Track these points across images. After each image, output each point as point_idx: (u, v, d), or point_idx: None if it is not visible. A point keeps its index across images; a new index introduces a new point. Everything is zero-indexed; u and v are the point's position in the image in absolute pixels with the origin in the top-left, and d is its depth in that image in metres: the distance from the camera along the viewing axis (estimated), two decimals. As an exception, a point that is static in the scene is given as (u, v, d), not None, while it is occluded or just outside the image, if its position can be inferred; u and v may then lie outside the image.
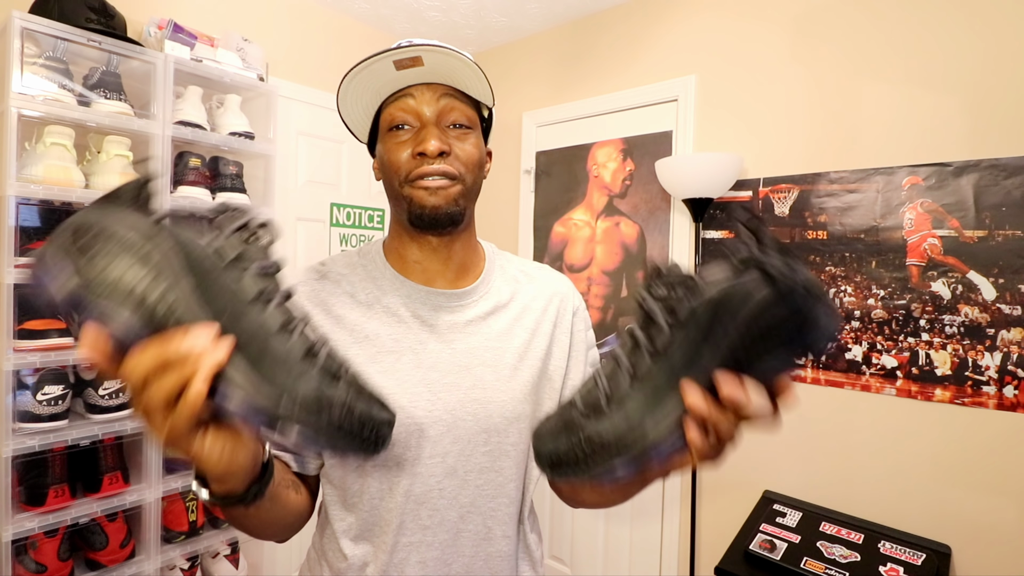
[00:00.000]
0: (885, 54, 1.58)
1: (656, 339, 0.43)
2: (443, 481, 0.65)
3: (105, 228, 0.37)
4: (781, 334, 0.40)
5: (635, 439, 0.42)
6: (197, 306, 0.37)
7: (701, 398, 0.41)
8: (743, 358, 0.41)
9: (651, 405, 0.42)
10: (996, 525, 1.40)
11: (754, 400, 0.41)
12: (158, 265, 0.37)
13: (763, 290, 0.40)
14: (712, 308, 0.41)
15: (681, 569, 1.95)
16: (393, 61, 0.62)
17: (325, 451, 0.41)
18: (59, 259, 0.36)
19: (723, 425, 0.41)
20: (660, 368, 0.42)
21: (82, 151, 1.48)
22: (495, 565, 0.69)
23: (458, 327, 0.70)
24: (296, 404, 0.38)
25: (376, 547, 0.66)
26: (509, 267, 0.79)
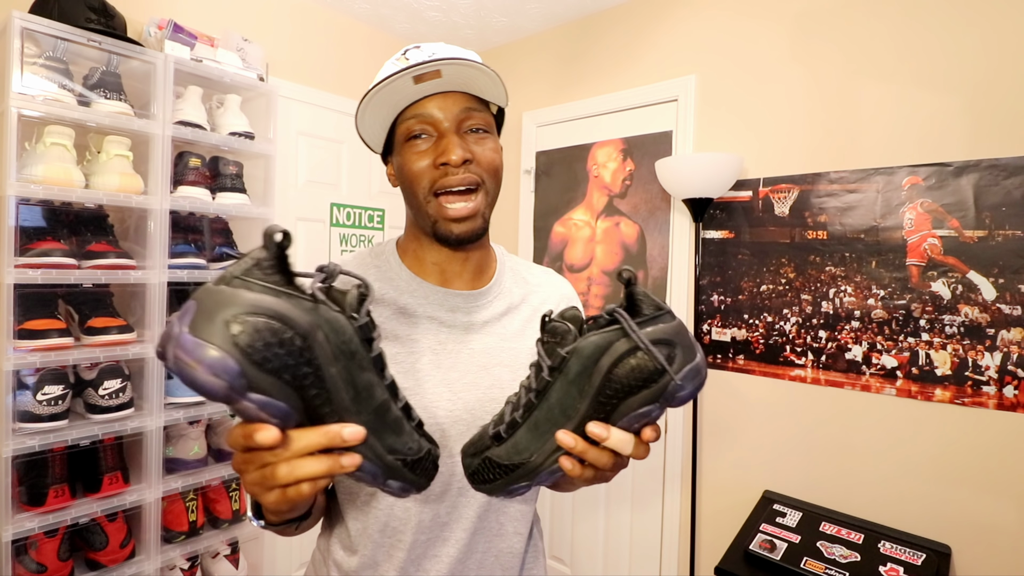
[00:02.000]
0: (885, 54, 1.58)
1: (539, 382, 0.50)
2: (462, 480, 0.66)
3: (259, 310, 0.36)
4: (636, 387, 0.46)
5: (522, 465, 0.50)
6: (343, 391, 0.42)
7: (568, 436, 0.48)
8: (607, 402, 0.47)
9: (535, 439, 0.50)
10: (996, 525, 1.40)
11: (615, 438, 0.47)
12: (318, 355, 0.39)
13: (615, 343, 0.46)
14: (577, 358, 0.47)
15: (681, 569, 1.95)
16: (413, 76, 0.62)
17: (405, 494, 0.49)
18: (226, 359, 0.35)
19: (591, 456, 0.48)
20: (542, 409, 0.50)
21: (82, 151, 1.48)
22: (506, 561, 0.71)
23: (475, 327, 0.71)
24: (406, 465, 0.46)
25: (393, 545, 0.66)
26: (519, 269, 0.80)
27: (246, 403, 0.36)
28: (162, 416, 1.53)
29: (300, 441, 0.40)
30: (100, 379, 1.42)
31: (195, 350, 0.34)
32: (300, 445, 0.40)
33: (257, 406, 0.37)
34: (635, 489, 2.11)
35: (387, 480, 0.45)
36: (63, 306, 1.47)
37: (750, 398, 1.82)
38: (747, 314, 1.83)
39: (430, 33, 2.49)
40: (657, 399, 0.46)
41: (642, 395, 0.46)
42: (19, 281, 1.29)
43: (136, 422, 1.48)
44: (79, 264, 1.39)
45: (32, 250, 1.33)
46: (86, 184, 1.42)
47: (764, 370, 1.79)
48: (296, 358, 0.38)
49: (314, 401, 0.40)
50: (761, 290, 1.80)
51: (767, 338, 1.79)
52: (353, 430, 0.42)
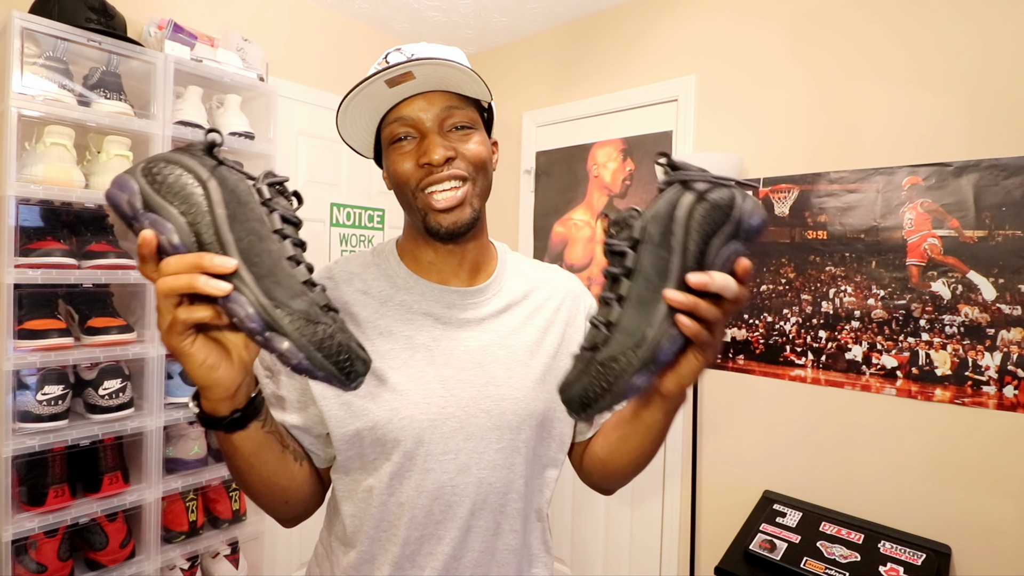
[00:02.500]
0: (886, 54, 1.58)
1: (626, 263, 0.50)
2: (455, 477, 0.66)
3: (172, 161, 0.47)
4: (715, 225, 0.48)
5: (639, 346, 0.48)
6: (228, 228, 0.46)
7: (678, 292, 0.47)
8: (698, 253, 0.48)
9: (643, 315, 0.49)
10: (996, 525, 1.40)
11: (718, 280, 0.47)
12: (205, 193, 0.46)
13: (683, 195, 0.49)
14: (655, 221, 0.49)
15: (681, 569, 1.95)
16: (384, 80, 0.63)
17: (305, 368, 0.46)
18: (131, 179, 0.45)
19: (703, 308, 0.47)
20: (638, 283, 0.50)
21: (82, 151, 1.48)
22: (502, 558, 0.70)
23: (471, 324, 0.71)
24: (288, 315, 0.45)
25: (387, 539, 0.67)
26: (522, 266, 0.81)
27: (144, 221, 0.44)
28: (162, 416, 1.53)
29: (175, 259, 0.44)
30: (100, 379, 1.42)
31: (118, 178, 0.45)
32: (175, 262, 0.44)
33: (150, 222, 0.44)
34: (635, 489, 2.11)
35: (266, 330, 0.44)
36: (63, 306, 1.47)
37: (750, 398, 1.82)
38: (747, 314, 1.83)
39: (430, 33, 2.49)
40: (736, 232, 0.49)
41: (723, 232, 0.49)
42: (19, 281, 1.29)
43: (136, 422, 1.48)
44: (79, 264, 1.39)
45: (32, 250, 1.33)
46: (86, 184, 1.42)
47: (764, 370, 1.79)
48: (188, 188, 0.46)
49: (201, 234, 0.45)
50: (761, 290, 1.80)
51: (767, 338, 1.79)
52: (223, 258, 0.44)
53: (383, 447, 0.65)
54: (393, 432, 0.65)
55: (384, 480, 0.66)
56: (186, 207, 0.45)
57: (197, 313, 0.45)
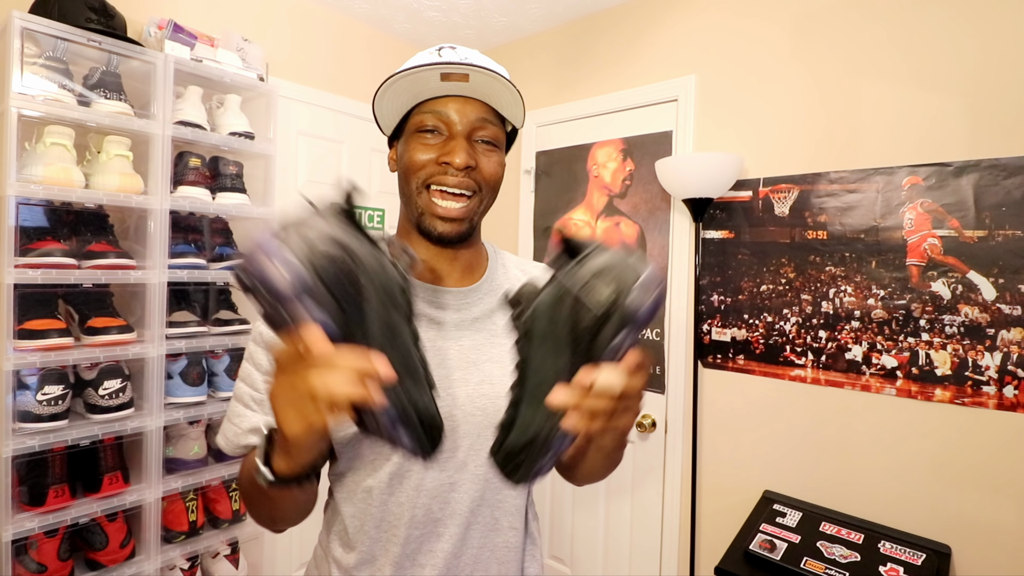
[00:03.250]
0: (886, 54, 1.58)
1: (520, 353, 0.52)
2: (454, 475, 0.67)
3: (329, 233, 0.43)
4: (599, 321, 0.46)
5: (534, 439, 0.50)
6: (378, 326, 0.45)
7: (559, 392, 0.47)
8: (582, 348, 0.47)
9: (535, 408, 0.50)
10: (996, 525, 1.40)
11: (602, 379, 0.46)
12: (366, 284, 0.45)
13: (559, 288, 0.48)
14: (541, 317, 0.49)
15: (681, 569, 1.95)
16: (440, 72, 0.64)
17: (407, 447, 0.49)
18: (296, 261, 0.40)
19: (589, 404, 0.46)
20: (530, 376, 0.51)
21: (82, 151, 1.48)
22: (502, 555, 0.71)
23: (465, 324, 0.72)
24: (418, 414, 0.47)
25: (387, 539, 0.67)
26: (511, 266, 0.82)
27: (299, 305, 0.41)
28: (162, 416, 1.53)
29: (340, 354, 0.42)
30: (100, 379, 1.42)
31: (272, 248, 0.40)
32: (340, 357, 0.42)
33: (307, 309, 0.41)
34: (635, 489, 2.11)
35: (399, 428, 0.45)
36: (63, 306, 1.47)
37: (750, 398, 1.82)
38: (747, 314, 1.83)
39: (430, 33, 2.49)
40: (624, 324, 0.46)
41: (609, 328, 0.46)
42: (19, 281, 1.29)
43: (136, 422, 1.48)
44: (79, 264, 1.39)
45: (32, 250, 1.33)
46: (86, 184, 1.42)
47: (764, 370, 1.79)
48: (348, 281, 0.43)
49: (351, 327, 0.44)
50: (761, 290, 1.80)
51: (767, 338, 1.79)
52: (387, 368, 0.43)
53: (382, 448, 0.66)
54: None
55: (384, 480, 0.66)
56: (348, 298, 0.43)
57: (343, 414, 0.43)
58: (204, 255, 1.66)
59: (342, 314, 0.43)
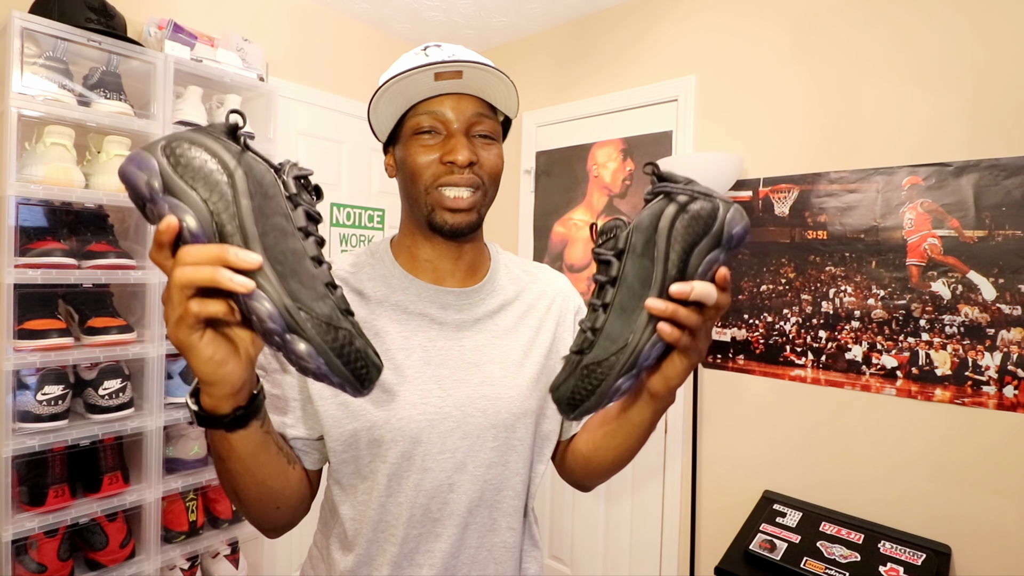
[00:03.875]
0: (885, 54, 1.58)
1: (611, 272, 0.52)
2: (452, 476, 0.67)
3: (196, 142, 0.44)
4: (696, 236, 0.49)
5: (622, 351, 0.50)
6: (252, 221, 0.44)
7: (658, 300, 0.49)
8: (680, 262, 0.50)
9: (626, 321, 0.51)
10: (996, 525, 1.40)
11: (698, 289, 0.48)
12: (231, 182, 0.44)
13: (667, 206, 0.51)
14: (638, 232, 0.51)
15: (681, 569, 1.95)
16: (433, 72, 0.64)
17: (322, 373, 0.45)
18: (151, 157, 0.42)
19: (682, 315, 0.48)
20: (622, 292, 0.51)
21: (82, 151, 1.48)
22: (499, 556, 0.71)
23: (466, 325, 0.72)
24: (311, 319, 0.44)
25: (385, 539, 0.67)
26: (513, 266, 0.81)
27: (162, 204, 0.42)
28: (162, 416, 1.53)
29: (197, 248, 0.41)
30: (100, 379, 1.42)
31: (135, 155, 0.42)
32: (196, 251, 0.41)
33: (169, 206, 0.42)
34: (635, 488, 2.11)
35: (287, 332, 0.43)
36: (63, 306, 1.47)
37: (750, 398, 1.82)
38: (747, 314, 1.83)
39: (430, 33, 2.49)
40: (719, 242, 0.50)
41: (705, 242, 0.49)
42: (19, 281, 1.29)
43: (136, 422, 1.48)
44: (79, 264, 1.39)
45: (32, 250, 1.33)
46: (86, 184, 1.42)
47: (764, 370, 1.79)
48: (210, 176, 0.43)
49: (223, 224, 0.43)
50: (761, 290, 1.80)
51: (767, 338, 1.79)
52: (248, 253, 0.41)
53: (380, 447, 0.65)
54: (391, 432, 0.65)
55: (383, 481, 0.66)
56: (210, 194, 0.43)
57: (211, 307, 0.42)
58: (204, 255, 1.66)
59: (208, 212, 0.43)
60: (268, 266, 0.43)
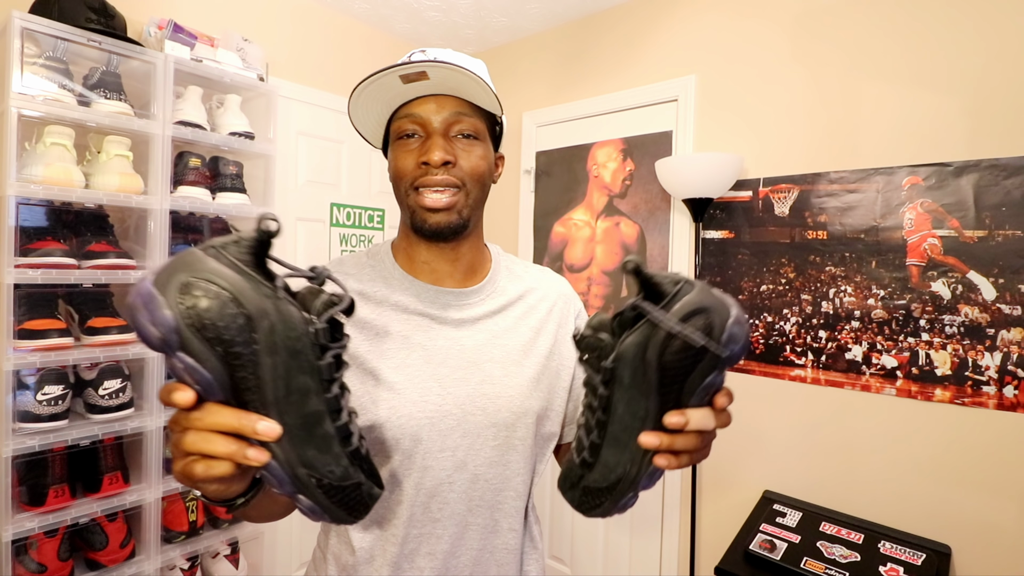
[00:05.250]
0: (885, 54, 1.58)
1: (599, 399, 0.50)
2: (453, 474, 0.67)
3: (219, 283, 0.38)
4: (689, 363, 0.45)
5: (621, 481, 0.50)
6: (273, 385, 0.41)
7: (652, 437, 0.47)
8: (671, 390, 0.46)
9: (621, 453, 0.50)
10: (996, 525, 1.40)
11: (694, 420, 0.46)
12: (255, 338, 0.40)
13: (654, 335, 0.45)
14: (624, 364, 0.47)
15: (681, 569, 1.95)
16: (399, 76, 0.64)
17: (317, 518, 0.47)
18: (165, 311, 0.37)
19: (679, 444, 0.48)
20: (613, 424, 0.50)
21: (82, 151, 1.48)
22: (501, 557, 0.71)
23: (466, 324, 0.72)
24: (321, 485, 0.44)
25: (385, 539, 0.67)
26: (515, 268, 0.82)
27: (175, 361, 0.38)
28: (162, 416, 1.53)
29: (212, 414, 0.40)
30: (100, 379, 1.42)
31: (147, 298, 0.37)
32: (211, 418, 0.40)
33: (183, 367, 0.38)
34: (635, 489, 2.11)
35: (296, 494, 0.43)
36: (63, 306, 1.47)
37: (750, 398, 1.82)
38: (747, 314, 1.83)
39: (430, 33, 2.49)
40: (714, 368, 0.46)
41: (699, 371, 0.46)
42: (19, 281, 1.29)
43: (136, 422, 1.48)
44: (79, 264, 1.39)
45: (32, 250, 1.33)
46: (86, 184, 1.42)
47: (764, 370, 1.79)
48: (234, 335, 0.39)
49: (241, 384, 0.40)
50: (761, 290, 1.80)
51: (767, 338, 1.79)
52: (268, 424, 0.41)
53: (382, 446, 0.66)
54: (392, 431, 0.65)
55: (384, 479, 0.66)
56: (231, 355, 0.39)
57: (217, 471, 0.41)
58: (204, 255, 1.66)
59: (226, 374, 0.40)
60: (285, 432, 0.42)
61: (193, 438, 0.40)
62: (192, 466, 0.41)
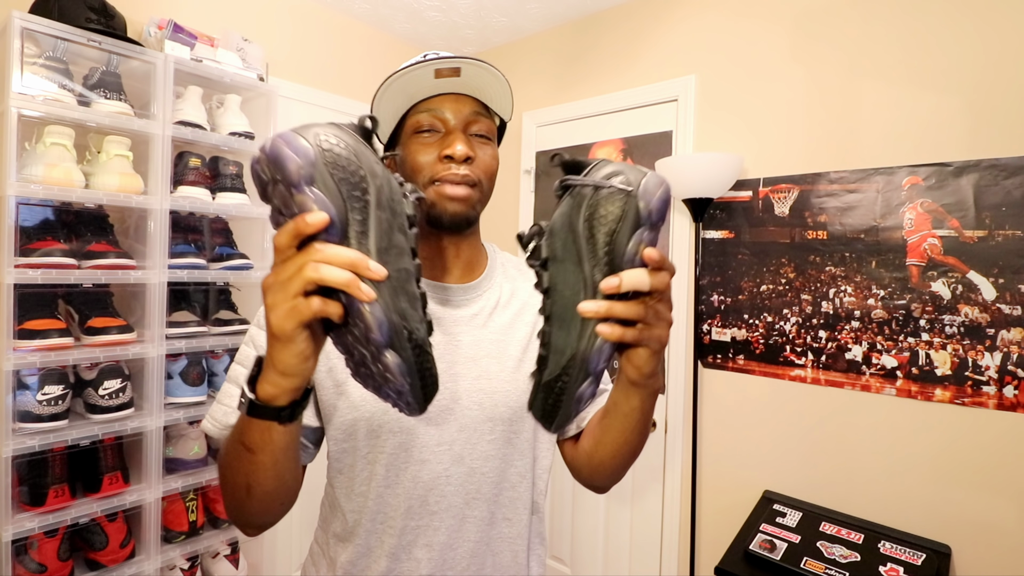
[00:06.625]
0: (885, 54, 1.58)
1: (542, 283, 0.51)
2: (450, 468, 0.68)
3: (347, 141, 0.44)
4: (612, 222, 0.47)
5: (571, 362, 0.49)
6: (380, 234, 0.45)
7: (589, 303, 0.47)
8: (605, 255, 0.47)
9: (567, 331, 0.49)
10: (996, 525, 1.40)
11: (627, 280, 0.46)
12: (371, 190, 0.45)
13: (575, 202, 0.48)
14: (554, 237, 0.49)
15: (681, 569, 1.95)
16: (434, 69, 0.66)
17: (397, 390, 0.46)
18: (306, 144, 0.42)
19: (619, 310, 0.47)
20: (556, 302, 0.51)
21: (82, 151, 1.48)
22: (498, 549, 0.72)
23: (464, 320, 0.73)
24: (411, 340, 0.45)
25: (383, 531, 0.68)
26: (510, 265, 0.83)
27: (305, 195, 0.41)
28: (162, 416, 1.53)
29: (335, 248, 0.42)
30: (100, 379, 1.42)
31: (289, 137, 0.42)
32: (332, 251, 0.42)
33: (313, 198, 0.41)
34: (635, 489, 2.11)
35: (386, 347, 0.43)
36: (63, 306, 1.47)
37: (750, 398, 1.82)
38: (747, 314, 1.83)
39: (430, 33, 2.49)
40: (639, 222, 0.46)
41: (624, 227, 0.46)
42: (19, 281, 1.29)
43: (136, 422, 1.48)
44: (79, 264, 1.39)
45: (32, 250, 1.33)
46: (86, 184, 1.42)
47: (764, 370, 1.79)
48: (358, 181, 0.44)
49: (354, 228, 0.44)
50: (761, 290, 1.80)
51: (767, 338, 1.79)
52: (378, 265, 0.43)
53: (378, 438, 0.67)
54: (389, 423, 0.66)
55: (381, 471, 0.67)
56: (351, 198, 0.43)
57: (332, 308, 0.43)
58: (204, 255, 1.66)
59: (345, 214, 0.43)
60: (386, 282, 0.44)
61: (316, 267, 0.41)
62: (307, 304, 0.42)
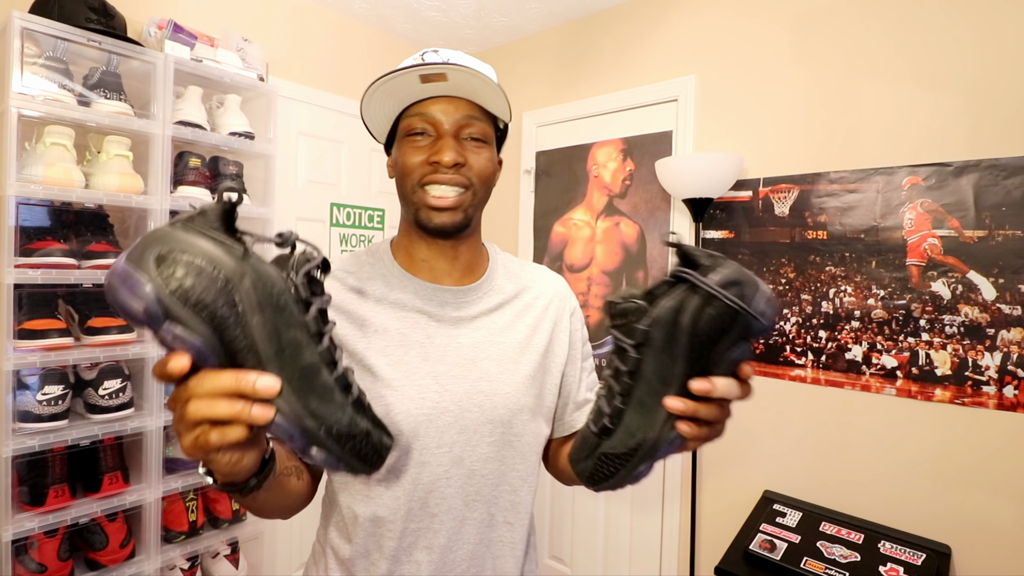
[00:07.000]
0: (885, 54, 1.58)
1: (628, 363, 0.51)
2: (450, 470, 0.68)
3: (190, 251, 0.39)
4: (720, 331, 0.47)
5: (640, 446, 0.51)
6: (265, 340, 0.42)
7: (677, 401, 0.49)
8: (700, 357, 0.48)
9: (644, 417, 0.51)
10: (996, 525, 1.40)
11: (720, 387, 0.48)
12: (238, 299, 0.40)
13: (689, 300, 0.48)
14: (659, 327, 0.49)
15: (681, 569, 1.95)
16: (419, 75, 0.65)
17: (334, 469, 0.47)
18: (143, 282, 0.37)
19: (703, 413, 0.49)
20: (640, 386, 0.51)
21: (82, 151, 1.48)
22: (498, 551, 0.72)
23: (463, 322, 0.73)
24: (330, 434, 0.44)
25: (383, 534, 0.68)
26: (511, 267, 0.83)
27: (164, 334, 0.38)
28: (162, 416, 1.53)
29: (210, 379, 0.40)
30: (100, 379, 1.42)
31: (123, 275, 0.37)
32: (210, 383, 0.40)
33: (172, 336, 0.38)
34: (635, 489, 2.11)
35: (308, 447, 0.43)
36: (63, 306, 1.47)
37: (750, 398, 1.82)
38: (747, 314, 1.83)
39: (430, 33, 2.49)
40: (744, 337, 0.48)
41: (729, 338, 0.48)
42: (19, 281, 1.29)
43: (136, 422, 1.48)
44: (79, 264, 1.39)
45: (32, 250, 1.33)
46: (86, 184, 1.42)
47: (764, 370, 1.79)
48: (217, 298, 0.39)
49: (234, 346, 0.41)
50: (761, 290, 1.80)
51: (767, 338, 1.79)
52: (267, 380, 0.40)
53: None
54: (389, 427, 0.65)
55: (381, 474, 0.67)
56: (220, 318, 0.39)
57: (231, 436, 0.40)
58: (204, 255, 1.66)
59: (218, 335, 0.40)
60: (286, 387, 0.42)
61: (196, 405, 0.40)
62: (206, 436, 0.40)
